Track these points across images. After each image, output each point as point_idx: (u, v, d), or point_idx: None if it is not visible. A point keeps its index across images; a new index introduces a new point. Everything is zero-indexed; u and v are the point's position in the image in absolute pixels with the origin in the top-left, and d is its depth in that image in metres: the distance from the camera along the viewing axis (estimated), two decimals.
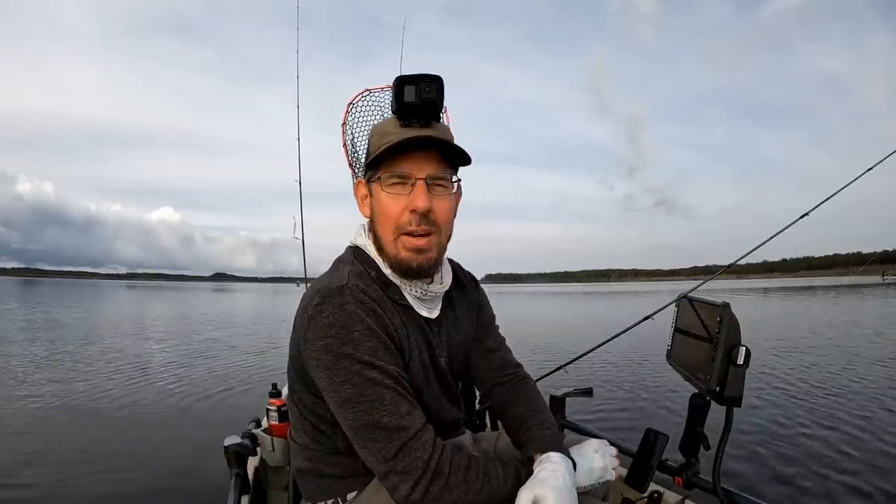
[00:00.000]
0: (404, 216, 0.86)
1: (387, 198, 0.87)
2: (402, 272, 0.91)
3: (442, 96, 0.85)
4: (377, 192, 0.89)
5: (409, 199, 0.86)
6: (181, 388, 5.99)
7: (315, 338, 0.81)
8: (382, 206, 0.88)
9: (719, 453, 1.07)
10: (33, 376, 6.53)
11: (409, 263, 0.88)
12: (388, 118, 0.93)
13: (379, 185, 0.88)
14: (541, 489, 0.79)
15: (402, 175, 0.86)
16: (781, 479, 3.16)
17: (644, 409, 4.91)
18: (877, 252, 34.23)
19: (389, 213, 0.87)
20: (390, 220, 0.87)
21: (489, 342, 1.12)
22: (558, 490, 0.79)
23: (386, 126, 0.89)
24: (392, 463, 0.78)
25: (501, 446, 1.13)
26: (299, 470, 1.00)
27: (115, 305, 26.99)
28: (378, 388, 0.80)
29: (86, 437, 4.16)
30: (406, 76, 0.85)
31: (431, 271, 0.93)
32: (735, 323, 1.00)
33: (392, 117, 0.90)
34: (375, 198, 0.90)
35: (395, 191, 0.87)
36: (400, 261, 0.89)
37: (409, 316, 0.93)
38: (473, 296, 1.12)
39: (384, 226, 0.89)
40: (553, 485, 0.79)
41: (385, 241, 0.90)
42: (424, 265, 0.89)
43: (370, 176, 0.90)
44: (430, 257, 0.89)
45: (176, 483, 3.18)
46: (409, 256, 0.88)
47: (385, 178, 0.87)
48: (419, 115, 0.86)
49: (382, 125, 0.91)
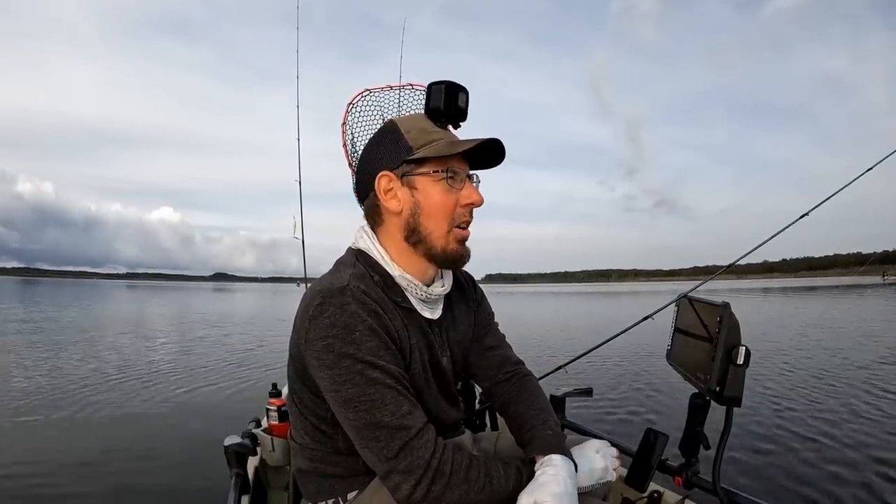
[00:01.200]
0: (457, 210, 0.91)
1: (442, 191, 0.90)
2: (447, 264, 0.94)
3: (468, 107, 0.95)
4: (426, 185, 0.90)
5: (464, 194, 0.91)
6: (181, 388, 6.00)
7: (316, 338, 0.81)
8: (436, 199, 0.90)
9: (719, 453, 1.07)
10: (32, 376, 6.53)
11: (461, 254, 0.93)
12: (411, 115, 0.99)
13: (429, 179, 0.89)
14: (540, 494, 0.79)
15: (455, 171, 0.90)
16: (781, 479, 3.16)
17: (644, 409, 4.92)
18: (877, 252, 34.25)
19: (445, 206, 0.90)
20: (445, 213, 0.90)
21: (488, 340, 1.12)
22: (558, 496, 0.79)
23: (420, 123, 0.92)
24: (394, 462, 0.79)
25: (502, 446, 1.13)
26: (300, 470, 1.00)
27: (114, 305, 26.99)
28: (380, 387, 0.80)
29: (85, 436, 4.16)
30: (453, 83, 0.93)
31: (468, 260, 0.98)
32: (735, 323, 1.00)
33: (420, 115, 0.95)
34: (423, 191, 0.90)
35: (449, 185, 0.90)
36: (450, 252, 0.92)
37: (411, 318, 0.93)
38: (471, 295, 1.12)
39: (435, 218, 0.90)
40: (554, 491, 0.79)
41: (435, 234, 0.91)
42: (468, 255, 0.95)
43: (410, 169, 0.90)
44: (469, 248, 0.95)
45: (176, 483, 3.18)
46: (459, 248, 0.93)
47: (441, 173, 0.89)
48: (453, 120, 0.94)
49: (415, 122, 0.93)
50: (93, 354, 8.47)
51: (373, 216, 0.96)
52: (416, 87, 1.36)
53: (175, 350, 9.36)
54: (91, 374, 6.71)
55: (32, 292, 42.48)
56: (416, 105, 1.40)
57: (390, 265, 0.93)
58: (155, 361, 7.93)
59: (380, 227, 0.95)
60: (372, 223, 0.97)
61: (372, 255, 0.94)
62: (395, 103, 1.24)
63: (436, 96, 0.91)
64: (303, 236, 2.27)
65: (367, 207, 0.96)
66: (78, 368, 7.13)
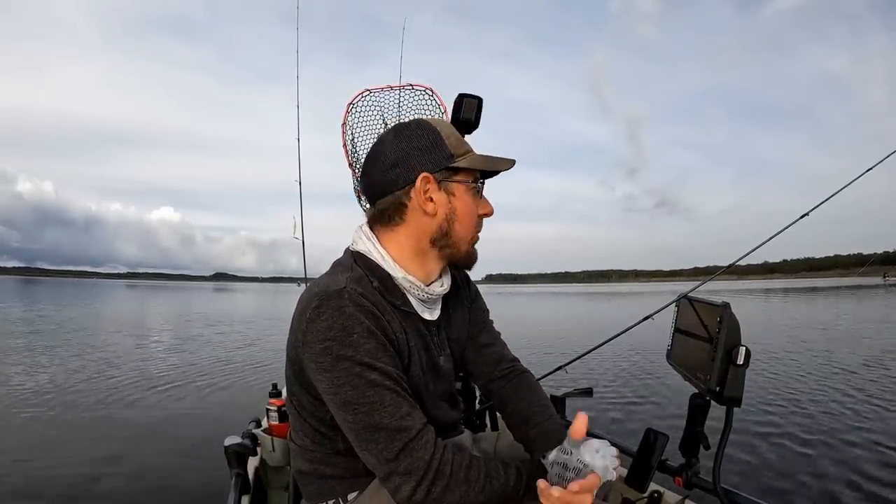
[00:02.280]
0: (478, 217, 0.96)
1: (472, 201, 0.94)
2: (464, 264, 0.99)
3: None
4: (462, 193, 0.92)
5: (483, 204, 0.97)
6: (181, 388, 6.00)
7: (314, 341, 0.81)
8: (470, 208, 0.94)
9: (719, 453, 1.07)
10: (31, 377, 6.53)
11: (475, 256, 0.99)
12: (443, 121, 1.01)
13: (464, 187, 0.92)
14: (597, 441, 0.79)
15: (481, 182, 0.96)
16: (781, 480, 3.16)
17: (644, 409, 4.92)
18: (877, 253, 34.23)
19: (474, 214, 0.95)
20: (474, 221, 0.95)
21: (483, 337, 1.12)
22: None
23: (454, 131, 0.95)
24: (394, 464, 0.79)
25: (502, 446, 1.13)
26: (300, 471, 1.00)
27: (115, 305, 27.00)
28: (378, 389, 0.80)
29: (84, 436, 4.17)
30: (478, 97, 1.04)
31: None
32: (735, 323, 1.00)
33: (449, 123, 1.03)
34: (460, 199, 0.92)
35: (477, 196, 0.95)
36: (469, 255, 0.97)
37: (409, 320, 0.93)
38: (465, 293, 1.12)
39: (468, 226, 0.94)
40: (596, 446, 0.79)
41: (463, 239, 0.94)
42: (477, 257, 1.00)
43: (448, 175, 0.91)
44: None
45: (176, 483, 3.18)
46: (474, 251, 0.98)
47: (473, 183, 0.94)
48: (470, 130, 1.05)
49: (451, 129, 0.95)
50: (93, 354, 8.47)
51: (392, 214, 0.91)
52: (416, 88, 1.36)
53: (175, 350, 9.36)
54: (91, 374, 6.71)
55: (33, 292, 42.50)
56: (416, 105, 1.40)
57: (392, 267, 0.91)
58: (155, 361, 7.94)
59: (396, 227, 0.92)
60: (386, 221, 0.92)
61: (372, 257, 0.92)
62: (395, 104, 1.24)
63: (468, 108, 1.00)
64: (303, 236, 2.27)
65: (389, 205, 0.91)
66: (78, 368, 7.13)
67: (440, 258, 0.95)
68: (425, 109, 1.42)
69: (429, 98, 1.42)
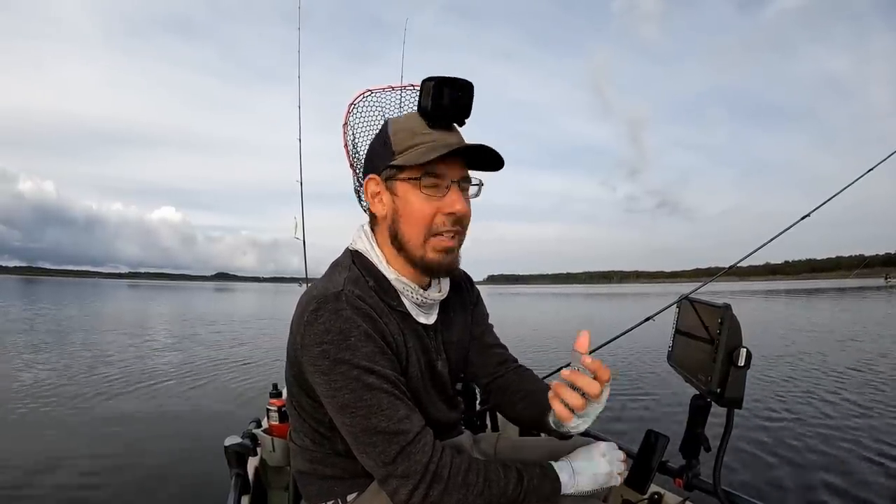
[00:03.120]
0: (438, 218, 0.86)
1: (421, 199, 0.86)
2: (426, 272, 0.91)
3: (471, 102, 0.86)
4: (406, 191, 0.86)
5: (445, 202, 0.86)
6: (181, 388, 6.00)
7: (312, 343, 0.81)
8: (414, 207, 0.86)
9: (720, 455, 1.07)
10: (31, 375, 6.53)
11: (439, 264, 0.89)
12: (407, 114, 0.92)
13: (409, 185, 0.86)
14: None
15: (438, 175, 0.85)
16: (782, 481, 3.15)
17: (644, 411, 4.90)
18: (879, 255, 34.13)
19: (422, 214, 0.86)
20: (422, 222, 0.86)
21: (487, 338, 1.13)
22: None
23: (411, 124, 0.87)
24: (391, 467, 0.78)
25: (502, 447, 1.13)
26: (300, 471, 1.00)
27: (116, 305, 27.00)
28: (376, 392, 0.80)
29: (84, 436, 4.16)
30: (441, 78, 0.84)
31: (454, 271, 0.93)
32: (736, 324, 1.00)
33: (414, 114, 0.88)
34: (402, 197, 0.87)
35: (429, 192, 0.86)
36: (427, 262, 0.88)
37: (406, 322, 0.92)
38: (468, 296, 1.12)
39: (413, 226, 0.87)
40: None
41: (411, 242, 0.88)
42: (451, 266, 0.90)
43: (393, 174, 0.87)
44: (455, 258, 0.90)
45: (176, 483, 3.18)
46: (438, 258, 0.88)
47: (418, 179, 0.85)
48: (449, 118, 0.87)
49: (407, 122, 0.88)
50: (93, 353, 8.47)
51: (370, 218, 0.96)
52: (417, 88, 1.35)
53: (175, 349, 9.36)
54: (90, 373, 6.71)
55: (34, 292, 42.55)
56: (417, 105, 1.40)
57: (386, 268, 0.92)
58: (155, 361, 7.93)
59: (376, 229, 0.95)
60: (372, 224, 0.96)
61: (369, 256, 0.93)
62: (396, 104, 1.24)
63: (424, 94, 0.84)
64: (304, 236, 2.28)
65: (366, 208, 0.97)
66: (77, 367, 7.12)
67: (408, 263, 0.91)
68: None
69: None
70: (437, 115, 0.85)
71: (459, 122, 0.89)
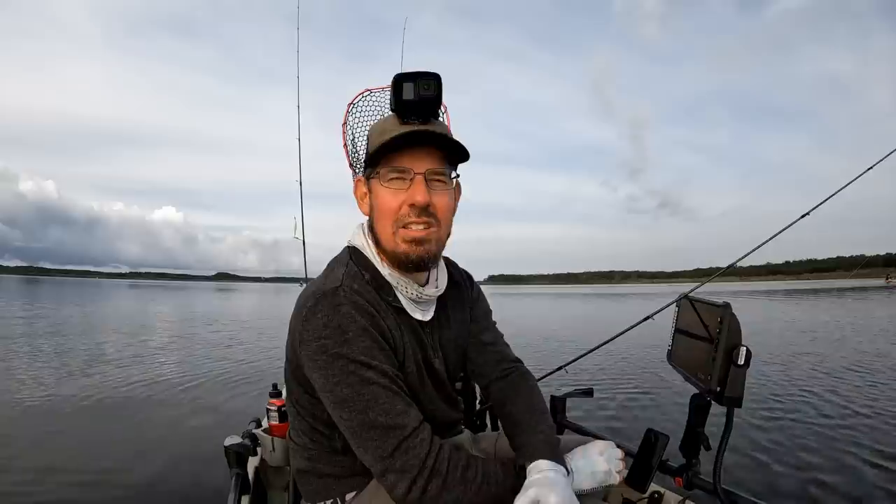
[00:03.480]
0: (403, 210, 0.87)
1: (386, 193, 0.87)
2: (400, 265, 0.90)
3: (440, 94, 0.86)
4: (376, 187, 0.89)
5: (409, 194, 0.86)
6: (181, 387, 6.00)
7: (310, 339, 0.82)
8: (381, 200, 0.88)
9: (720, 454, 1.06)
10: (31, 377, 6.53)
11: (408, 255, 0.88)
12: (387, 116, 0.94)
13: (378, 181, 0.88)
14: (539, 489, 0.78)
15: (400, 170, 0.86)
16: (782, 480, 3.15)
17: (644, 410, 4.90)
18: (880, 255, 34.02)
19: (388, 207, 0.87)
20: (389, 214, 0.88)
21: (485, 337, 1.12)
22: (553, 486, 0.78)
23: (384, 124, 0.90)
24: (389, 461, 0.79)
25: (502, 446, 1.12)
26: (299, 470, 1.00)
27: (117, 305, 27.02)
28: (373, 387, 0.80)
29: (84, 437, 4.16)
30: (405, 73, 0.85)
31: (430, 264, 0.92)
32: (736, 323, 1.00)
33: (391, 115, 0.90)
34: (374, 193, 0.90)
35: (394, 186, 0.87)
36: (399, 254, 0.89)
37: (403, 318, 0.93)
38: (467, 294, 1.11)
39: (383, 220, 0.89)
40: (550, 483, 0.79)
41: (384, 236, 0.90)
42: (424, 256, 0.89)
43: (369, 173, 0.91)
44: (428, 249, 0.89)
45: (176, 483, 3.18)
46: (408, 248, 0.88)
47: (384, 174, 0.87)
48: (418, 113, 0.87)
49: (381, 123, 0.92)
50: (92, 353, 8.47)
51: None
52: None
53: (175, 349, 9.36)
54: (90, 373, 6.71)
55: (35, 292, 42.57)
56: None
57: (381, 264, 0.93)
58: (155, 360, 7.93)
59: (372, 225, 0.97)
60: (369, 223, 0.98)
61: (365, 252, 0.94)
62: None
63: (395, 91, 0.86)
64: (303, 236, 2.28)
65: None
66: (76, 367, 7.12)
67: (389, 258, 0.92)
68: None
69: None
70: (401, 110, 0.86)
71: (428, 115, 0.88)
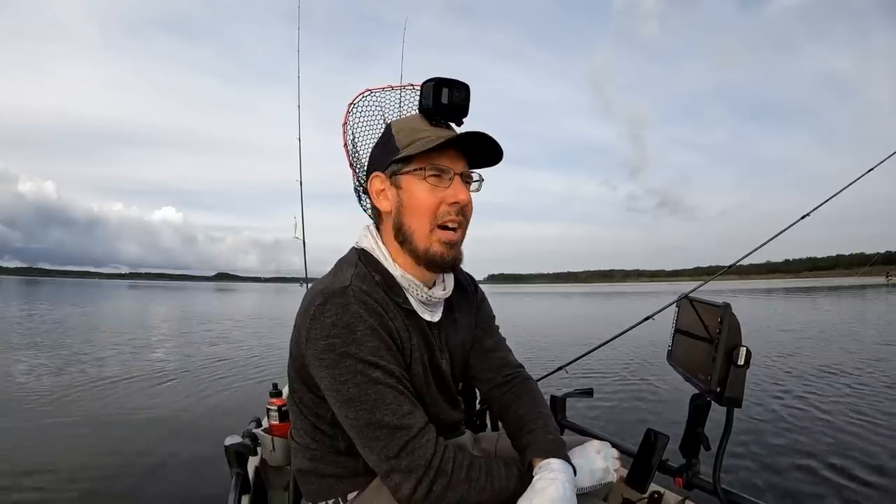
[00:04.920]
0: (442, 208, 0.88)
1: (425, 190, 0.88)
2: (431, 265, 0.92)
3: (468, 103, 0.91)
4: (410, 184, 0.89)
5: (449, 193, 0.88)
6: (181, 387, 6.01)
7: (318, 337, 0.81)
8: (420, 197, 0.88)
9: (720, 454, 1.07)
10: (30, 375, 6.54)
11: (443, 257, 0.90)
12: (408, 116, 0.98)
13: (413, 177, 0.89)
14: (539, 500, 0.78)
15: (441, 168, 0.88)
16: (782, 480, 3.15)
17: (644, 410, 4.91)
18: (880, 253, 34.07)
19: (427, 204, 0.88)
20: (427, 212, 0.89)
21: (488, 342, 1.12)
22: (556, 501, 0.78)
23: (413, 123, 0.92)
24: (395, 461, 0.79)
25: (502, 447, 1.12)
26: (300, 470, 1.00)
27: (116, 305, 27.02)
28: (381, 387, 0.80)
29: (84, 437, 4.16)
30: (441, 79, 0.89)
31: (458, 265, 0.95)
32: (736, 323, 1.00)
33: (416, 115, 0.93)
34: (407, 190, 0.89)
35: (433, 182, 0.88)
36: (433, 255, 0.90)
37: (412, 319, 0.93)
38: (472, 297, 1.12)
39: (418, 217, 0.89)
40: (552, 496, 0.78)
41: (417, 234, 0.90)
42: (456, 259, 0.92)
43: (397, 169, 0.90)
44: (459, 251, 0.93)
45: (177, 482, 3.18)
46: (443, 250, 0.90)
47: (425, 171, 0.88)
48: (448, 117, 0.91)
49: (409, 122, 0.93)
50: (92, 353, 8.48)
51: (374, 217, 0.98)
52: (416, 88, 1.35)
53: (175, 349, 9.37)
54: (90, 373, 6.71)
55: (35, 293, 42.55)
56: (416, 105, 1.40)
57: (392, 265, 0.93)
58: (155, 360, 7.94)
59: (382, 227, 0.97)
60: (377, 223, 0.98)
61: (375, 254, 0.94)
62: (395, 103, 1.24)
63: (426, 94, 0.90)
64: (303, 236, 2.28)
65: (369, 207, 0.99)
66: (76, 367, 7.13)
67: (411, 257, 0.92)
68: None
69: None
70: (437, 113, 0.90)
71: (458, 122, 0.93)
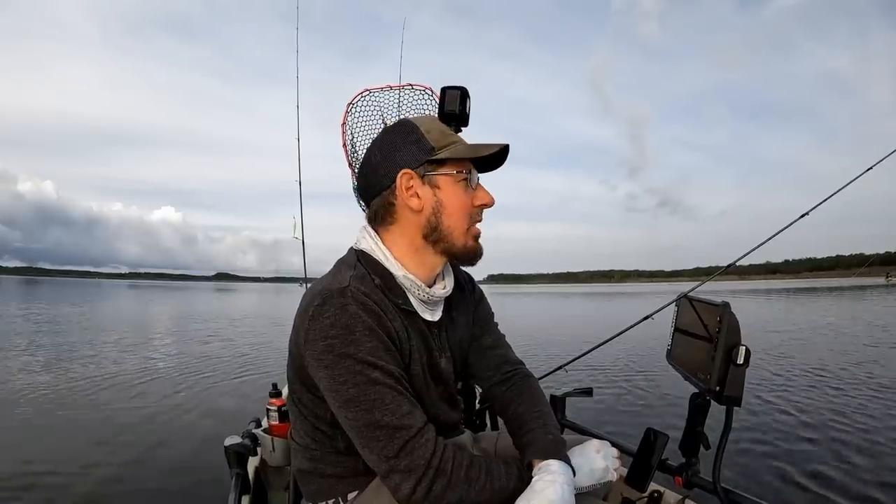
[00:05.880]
0: (473, 209, 0.95)
1: (462, 192, 0.93)
2: (465, 259, 0.97)
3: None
4: (449, 185, 0.92)
5: (479, 195, 0.95)
6: (181, 388, 6.01)
7: (316, 338, 0.81)
8: (461, 199, 0.93)
9: (719, 453, 1.07)
10: (30, 375, 6.54)
11: (477, 251, 0.97)
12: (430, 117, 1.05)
13: (450, 179, 0.92)
14: (538, 501, 0.78)
15: (469, 171, 0.94)
16: (782, 479, 3.16)
17: (644, 409, 4.92)
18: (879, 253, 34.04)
19: (465, 205, 0.93)
20: (466, 212, 0.93)
21: (487, 339, 1.12)
22: (556, 503, 0.78)
23: (437, 125, 0.95)
24: (394, 462, 0.79)
25: (502, 446, 1.12)
26: (300, 470, 1.00)
27: (116, 305, 27.02)
28: (380, 387, 0.80)
29: (84, 437, 4.16)
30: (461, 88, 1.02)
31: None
32: (735, 322, 1.00)
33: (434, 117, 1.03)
34: (446, 191, 0.92)
35: (465, 186, 0.93)
36: (469, 248, 0.95)
37: (411, 319, 0.93)
38: (470, 296, 1.12)
39: (458, 217, 0.93)
40: (551, 497, 0.78)
41: (456, 232, 0.93)
42: (482, 251, 0.98)
43: (433, 168, 0.91)
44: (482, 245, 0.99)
45: (176, 483, 3.19)
46: (476, 245, 0.96)
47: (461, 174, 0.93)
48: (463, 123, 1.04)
49: (433, 123, 0.96)
50: (92, 353, 8.48)
51: (384, 214, 0.94)
52: (415, 88, 1.35)
53: (175, 349, 9.37)
54: (90, 373, 6.72)
55: (34, 293, 42.53)
56: (415, 105, 1.40)
57: (393, 265, 0.92)
58: (155, 360, 7.95)
59: (390, 226, 0.94)
60: (380, 221, 0.95)
61: (374, 255, 0.94)
62: (394, 103, 1.24)
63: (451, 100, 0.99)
64: (303, 236, 2.27)
65: (379, 206, 0.94)
66: (76, 367, 7.13)
67: (437, 254, 0.95)
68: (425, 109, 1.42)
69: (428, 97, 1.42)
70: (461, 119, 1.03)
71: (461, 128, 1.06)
